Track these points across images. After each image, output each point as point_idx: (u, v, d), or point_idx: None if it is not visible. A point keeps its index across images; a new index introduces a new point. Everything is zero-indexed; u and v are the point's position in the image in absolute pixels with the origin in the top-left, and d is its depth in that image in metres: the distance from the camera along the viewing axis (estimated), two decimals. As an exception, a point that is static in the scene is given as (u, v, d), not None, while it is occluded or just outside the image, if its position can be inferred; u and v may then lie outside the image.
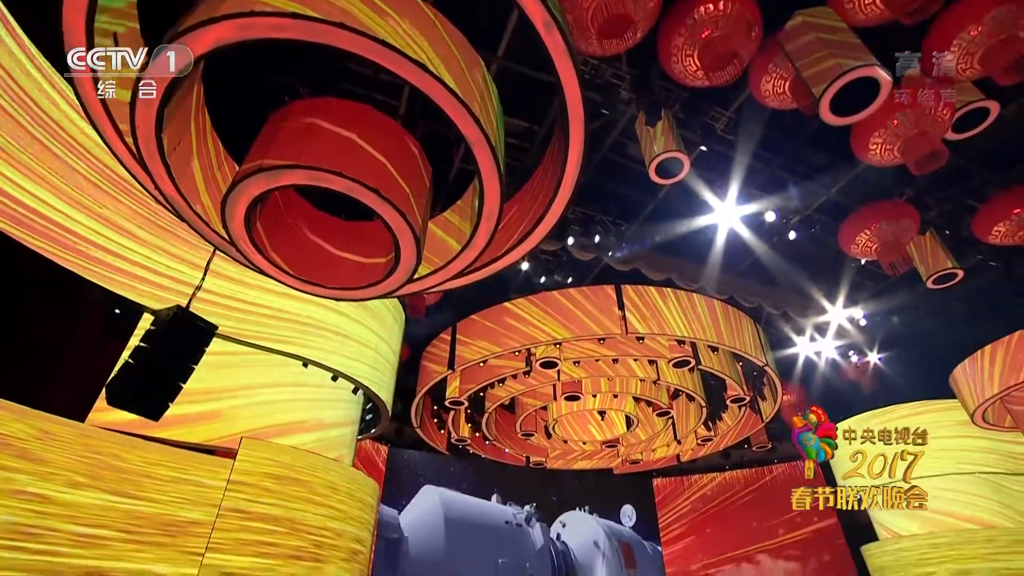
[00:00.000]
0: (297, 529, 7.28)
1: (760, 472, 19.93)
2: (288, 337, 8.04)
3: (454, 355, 13.08)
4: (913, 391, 13.89)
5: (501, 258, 6.51)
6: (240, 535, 6.76)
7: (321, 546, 7.50)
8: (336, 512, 7.89)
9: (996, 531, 12.32)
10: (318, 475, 7.88)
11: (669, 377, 13.76)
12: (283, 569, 6.90)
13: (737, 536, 19.22)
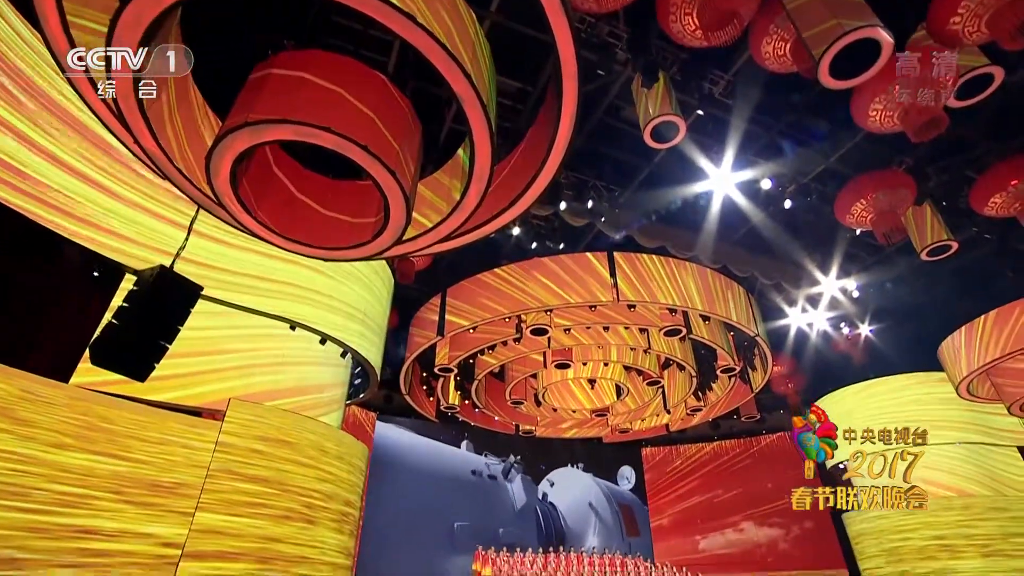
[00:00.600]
0: (287, 491, 7.45)
1: (748, 443, 20.46)
2: (275, 299, 8.07)
3: (443, 321, 13.13)
4: (902, 364, 14.25)
5: (492, 221, 6.54)
6: (229, 496, 6.92)
7: (311, 508, 7.70)
8: (326, 474, 8.07)
9: (973, 499, 12.92)
10: (307, 437, 8.03)
11: (660, 346, 13.92)
12: (273, 529, 7.10)
13: (724, 505, 19.84)
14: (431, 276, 14.01)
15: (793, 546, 18.31)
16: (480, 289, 12.84)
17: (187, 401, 7.36)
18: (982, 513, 12.66)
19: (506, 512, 17.71)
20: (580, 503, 19.49)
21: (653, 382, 16.03)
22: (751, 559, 18.70)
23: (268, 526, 7.12)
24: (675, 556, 18.66)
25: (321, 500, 7.91)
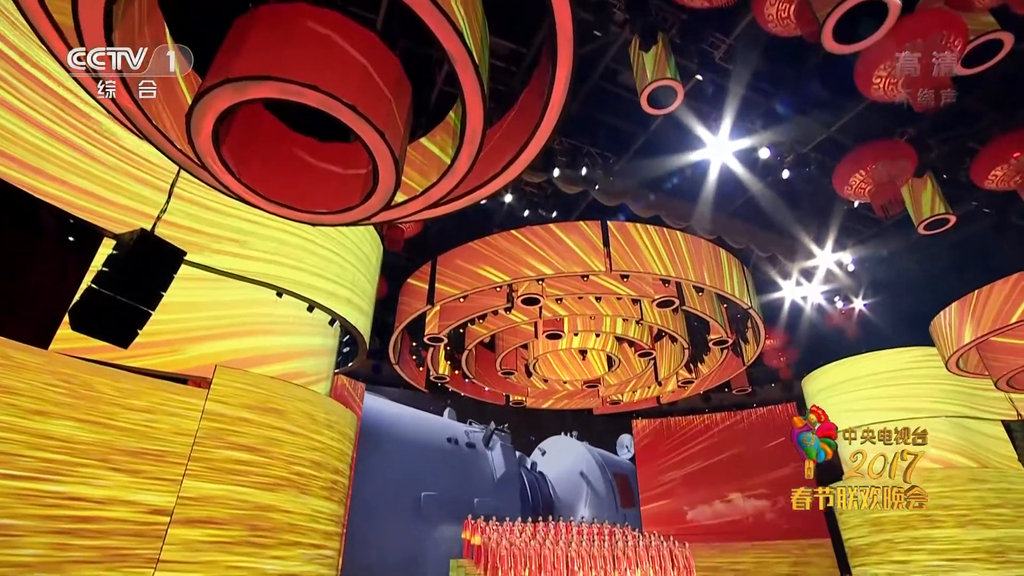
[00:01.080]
0: (276, 459, 7.53)
1: (739, 416, 20.88)
2: (261, 265, 8.02)
3: (433, 290, 13.14)
4: (896, 338, 14.48)
5: (483, 186, 6.49)
6: (217, 464, 6.99)
7: (301, 476, 7.79)
8: (315, 443, 8.15)
9: (956, 471, 13.40)
10: (296, 405, 8.08)
11: (652, 317, 14.08)
12: (263, 498, 7.18)
13: (712, 476, 20.32)
14: (421, 244, 13.98)
15: (779, 516, 18.83)
16: (471, 257, 12.81)
17: (172, 368, 7.37)
18: (962, 484, 13.12)
19: (484, 481, 17.91)
20: (571, 472, 19.81)
21: (645, 354, 16.27)
22: (738, 529, 19.24)
23: (257, 494, 7.21)
24: (663, 526, 19.15)
25: (311, 468, 8.01)
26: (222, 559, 6.58)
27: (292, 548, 7.33)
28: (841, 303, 15.19)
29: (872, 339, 14.99)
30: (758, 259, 14.28)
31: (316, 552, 7.70)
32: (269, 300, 8.43)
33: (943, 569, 12.43)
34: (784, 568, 16.21)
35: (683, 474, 20.82)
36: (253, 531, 6.95)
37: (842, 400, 15.05)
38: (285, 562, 7.18)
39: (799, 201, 11.73)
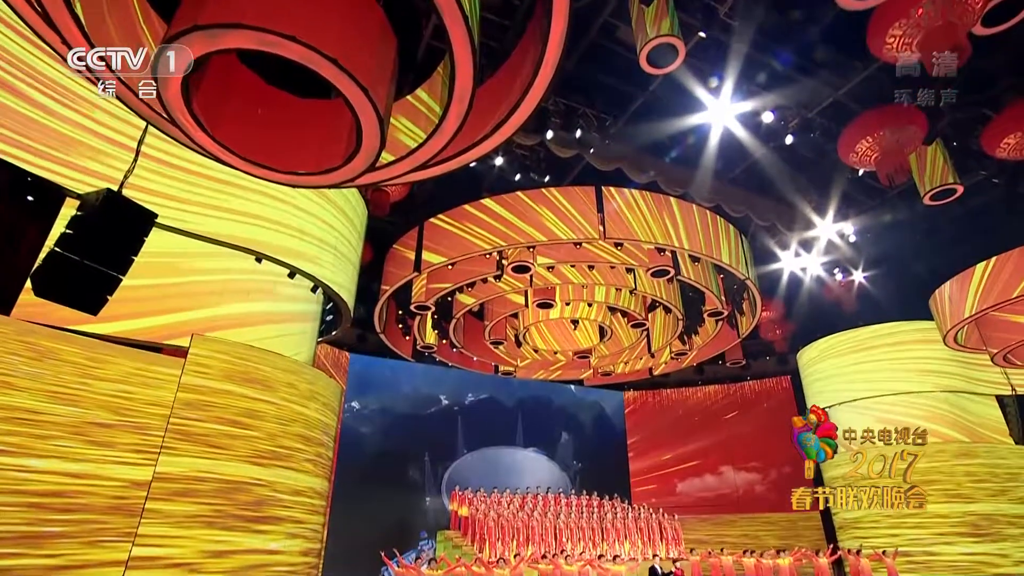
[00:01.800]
0: (256, 432, 7.50)
1: (732, 388, 21.19)
2: (238, 229, 7.85)
3: (420, 257, 13.02)
4: (894, 311, 14.62)
5: (473, 148, 6.34)
6: (196, 437, 6.94)
7: (283, 449, 7.78)
8: (297, 414, 8.12)
9: (947, 444, 13.75)
10: (277, 375, 8.03)
11: (646, 287, 14.05)
12: (242, 472, 7.16)
13: (704, 449, 20.74)
14: (407, 208, 13.77)
15: (769, 490, 19.29)
16: (459, 223, 12.67)
17: (146, 336, 7.26)
18: (953, 459, 13.49)
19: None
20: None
21: (638, 324, 16.28)
22: (728, 501, 19.71)
23: (238, 468, 7.18)
24: (653, 498, 19.56)
25: (293, 441, 8.00)
26: (202, 534, 6.60)
27: (275, 524, 7.37)
28: (840, 275, 15.24)
29: (870, 312, 15.12)
30: (756, 229, 14.23)
31: (300, 527, 7.76)
32: (248, 266, 8.28)
33: (928, 543, 12.84)
34: (773, 540, 16.65)
35: (675, 447, 21.15)
36: (234, 506, 6.96)
37: (837, 373, 15.30)
38: (268, 537, 7.23)
39: (801, 168, 11.63)
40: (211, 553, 6.56)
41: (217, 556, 6.59)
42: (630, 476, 21.24)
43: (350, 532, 15.41)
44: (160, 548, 6.28)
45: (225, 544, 6.74)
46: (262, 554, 7.04)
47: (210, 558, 6.54)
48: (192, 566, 6.41)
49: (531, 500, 15.31)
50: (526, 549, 13.02)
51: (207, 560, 6.52)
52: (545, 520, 13.75)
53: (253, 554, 6.94)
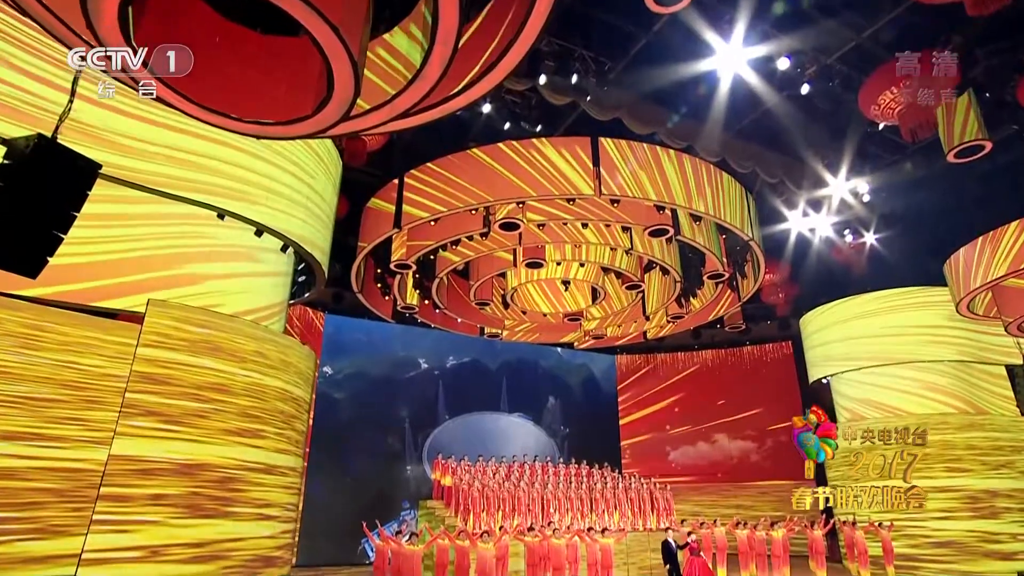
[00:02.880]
0: (222, 405, 7.32)
1: (730, 354, 21.36)
2: (196, 182, 7.50)
3: (400, 211, 12.77)
4: (905, 277, 14.66)
5: (459, 95, 6.02)
6: (155, 410, 6.74)
7: (252, 423, 7.62)
8: (268, 386, 7.95)
9: (951, 416, 14.00)
10: (243, 342, 7.82)
11: (643, 247, 13.95)
12: (207, 453, 6.99)
13: (697, 415, 21.07)
14: (386, 157, 13.45)
15: (764, 458, 19.71)
16: (443, 175, 12.36)
17: (96, 300, 6.97)
18: (956, 431, 13.77)
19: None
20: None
21: (633, 286, 16.29)
22: (722, 470, 20.14)
23: (203, 447, 7.01)
24: (644, 467, 19.92)
25: (264, 415, 7.85)
26: (164, 519, 6.46)
27: (245, 506, 7.27)
28: (851, 236, 15.18)
29: (880, 277, 15.13)
30: (763, 186, 14.07)
31: (272, 508, 7.69)
32: (210, 223, 7.97)
33: (924, 518, 13.19)
34: (767, 509, 17.08)
35: (667, 414, 21.46)
36: (199, 488, 6.82)
37: (841, 340, 15.43)
38: (237, 523, 7.14)
39: (816, 121, 11.37)
40: (174, 540, 6.46)
41: (181, 544, 6.49)
42: (620, 444, 21.57)
43: (327, 505, 15.54)
44: (118, 536, 6.15)
45: (190, 530, 6.63)
46: (229, 542, 6.94)
47: (173, 546, 6.44)
48: (154, 554, 6.31)
49: (517, 469, 15.45)
50: (511, 520, 13.20)
51: (170, 548, 6.42)
52: (532, 490, 13.91)
53: (220, 543, 6.85)
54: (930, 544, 13.26)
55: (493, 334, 19.42)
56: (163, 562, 6.31)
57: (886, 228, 14.65)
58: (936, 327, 14.28)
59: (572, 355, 22.11)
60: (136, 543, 6.22)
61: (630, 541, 13.92)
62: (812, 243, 15.55)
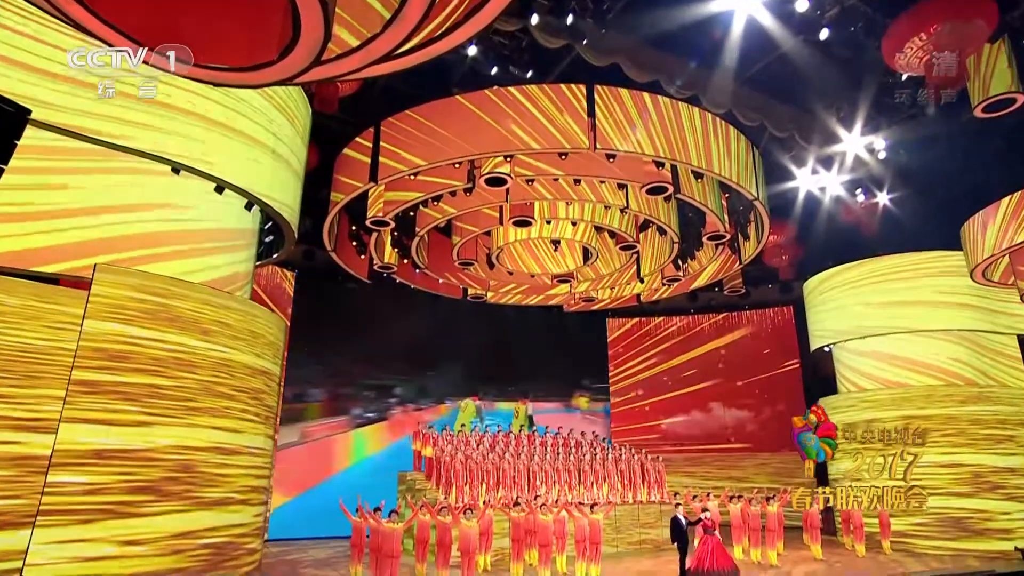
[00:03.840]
0: (182, 381, 7.08)
1: (728, 318, 21.45)
2: (147, 132, 7.08)
3: (377, 163, 12.41)
4: (918, 240, 14.60)
5: (441, 38, 5.66)
6: (107, 391, 6.48)
7: (217, 401, 7.41)
8: (232, 360, 7.72)
9: (957, 388, 14.19)
10: (204, 312, 7.55)
11: (640, 206, 13.84)
12: (164, 435, 6.76)
13: (691, 383, 21.26)
14: (360, 103, 13.10)
15: (761, 428, 20.02)
16: (423, 124, 11.95)
17: (36, 264, 6.62)
18: (961, 403, 13.96)
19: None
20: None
21: (628, 247, 16.18)
22: (716, 439, 20.46)
23: (161, 430, 6.78)
24: (635, 436, 20.15)
25: (230, 392, 7.63)
26: (119, 509, 6.27)
27: (208, 492, 7.09)
28: (862, 196, 15.07)
29: (891, 240, 15.09)
30: (770, 141, 13.88)
31: (239, 493, 7.54)
32: (164, 178, 7.59)
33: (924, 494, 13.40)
34: (763, 481, 17.42)
35: (660, 381, 21.62)
36: (158, 476, 6.61)
37: (847, 307, 15.46)
38: (202, 513, 6.98)
39: (833, 70, 11.07)
40: (129, 535, 6.28)
41: (136, 541, 6.30)
42: (610, 412, 21.77)
43: (299, 475, 15.52)
44: (67, 528, 5.96)
45: (147, 523, 6.45)
46: (190, 537, 6.77)
47: (127, 544, 6.26)
48: (109, 550, 6.13)
49: (502, 440, 15.51)
50: (495, 493, 13.28)
51: (125, 545, 6.24)
52: (517, 462, 13.95)
53: (182, 538, 6.69)
54: (927, 520, 13.54)
55: (477, 296, 19.34)
56: (120, 557, 6.14)
57: (901, 187, 14.54)
58: (948, 294, 14.30)
59: (563, 319, 22.02)
60: (89, 536, 6.03)
61: (620, 515, 14.11)
62: (820, 202, 15.46)
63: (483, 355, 20.47)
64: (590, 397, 21.76)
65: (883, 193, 14.85)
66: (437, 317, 20.04)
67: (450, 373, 19.77)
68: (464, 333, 20.30)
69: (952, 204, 13.19)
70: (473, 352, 20.28)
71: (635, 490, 15.04)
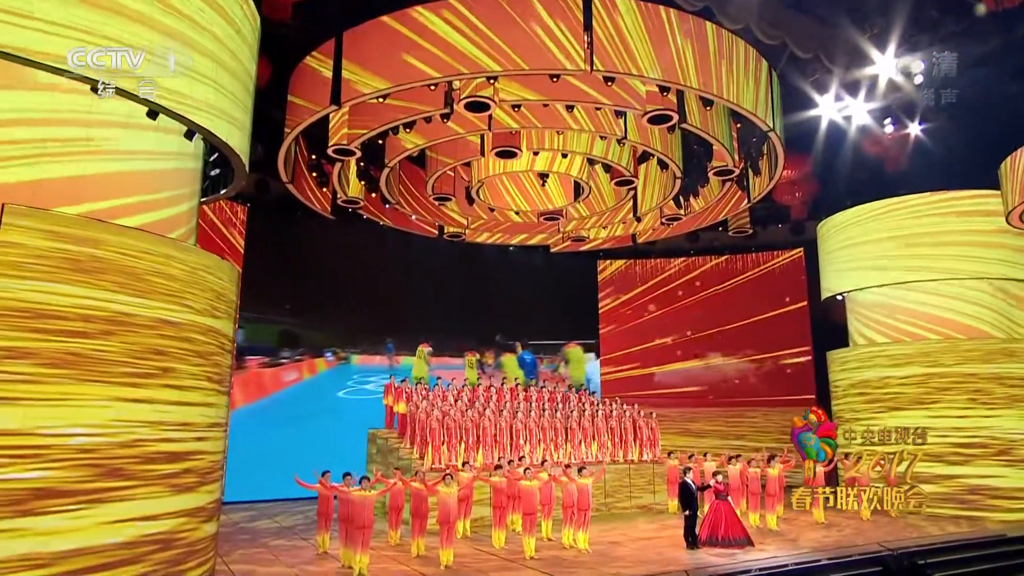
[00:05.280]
0: (115, 343, 6.67)
1: (731, 261, 21.36)
2: (59, 42, 6.47)
3: (340, 83, 11.97)
4: (951, 177, 14.39)
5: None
6: (23, 349, 6.06)
7: (161, 356, 7.03)
8: (176, 318, 7.32)
9: (980, 342, 14.27)
10: (141, 259, 7.06)
11: (639, 136, 13.71)
12: (94, 415, 6.36)
13: (689, 332, 21.35)
14: (317, 8, 12.50)
15: (762, 381, 20.26)
16: (393, 40, 11.49)
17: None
18: (985, 357, 14.05)
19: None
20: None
21: (624, 182, 16.06)
22: (716, 393, 20.73)
23: (86, 410, 6.37)
24: (627, 389, 20.31)
25: (175, 354, 7.25)
26: (39, 506, 5.94)
27: (147, 473, 6.80)
28: (891, 126, 14.79)
29: (919, 177, 14.86)
30: (789, 64, 13.51)
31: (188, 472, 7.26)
32: (85, 100, 7.00)
33: (934, 458, 13.81)
34: (764, 440, 17.70)
35: (655, 328, 21.67)
36: (86, 460, 6.26)
37: (866, 252, 15.39)
38: (142, 503, 6.70)
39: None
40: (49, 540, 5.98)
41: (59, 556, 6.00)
42: (600, 362, 21.87)
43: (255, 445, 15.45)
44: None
45: (73, 517, 6.14)
46: (120, 548, 6.48)
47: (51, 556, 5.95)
48: (26, 561, 5.80)
49: (483, 394, 15.48)
50: (475, 453, 13.28)
51: (43, 553, 5.91)
52: (499, 419, 13.95)
53: (111, 550, 6.38)
54: (942, 486, 13.87)
55: (454, 234, 19.31)
56: (35, 567, 5.82)
57: (937, 116, 14.23)
58: (980, 238, 14.22)
59: (549, 260, 22.08)
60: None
61: (609, 475, 14.28)
62: (842, 133, 15.19)
63: (461, 300, 20.39)
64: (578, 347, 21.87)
65: (915, 123, 14.56)
66: (409, 258, 19.93)
67: (423, 319, 19.60)
68: (439, 275, 20.22)
69: (993, 137, 12.92)
70: (449, 296, 20.19)
71: (626, 448, 15.22)
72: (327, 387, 18.59)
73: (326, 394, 18.44)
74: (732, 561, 9.65)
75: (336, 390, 18.73)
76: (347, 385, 18.92)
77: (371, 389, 18.50)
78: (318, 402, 18.04)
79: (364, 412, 17.27)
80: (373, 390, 18.25)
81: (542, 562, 9.70)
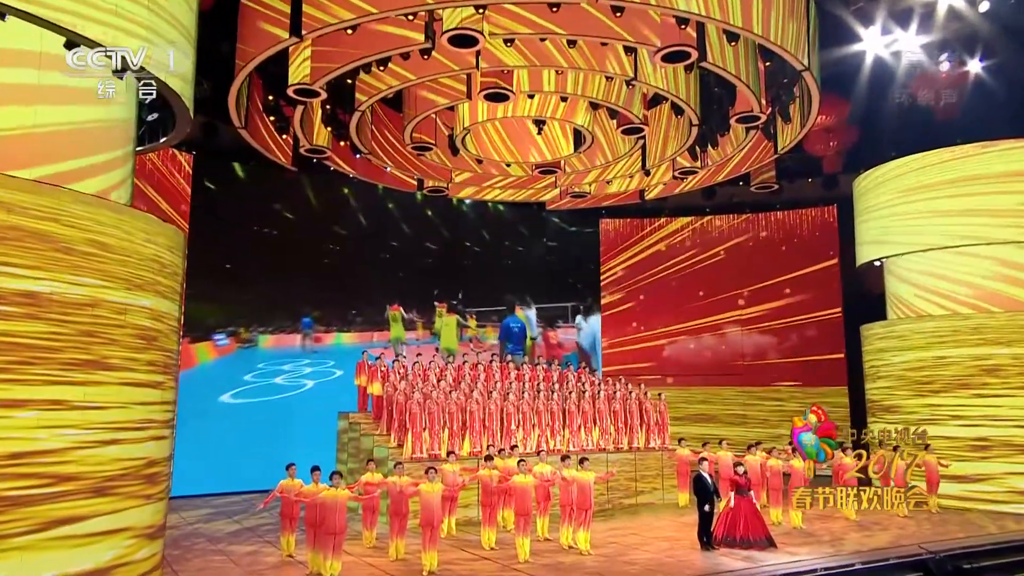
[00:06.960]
0: (41, 314, 6.46)
1: (752, 220, 21.31)
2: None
3: (300, 10, 11.62)
4: (1014, 124, 14.14)
5: None
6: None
7: (92, 338, 6.83)
8: (110, 291, 7.10)
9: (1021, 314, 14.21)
10: (66, 223, 6.83)
11: (651, 77, 13.49)
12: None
13: (703, 302, 21.36)
14: None
15: (786, 357, 20.27)
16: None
17: None
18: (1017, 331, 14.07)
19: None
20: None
21: (633, 129, 15.83)
22: (730, 371, 20.78)
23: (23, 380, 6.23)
24: (631, 365, 20.34)
25: (106, 324, 7.04)
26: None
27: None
28: (947, 62, 14.59)
29: (976, 124, 14.69)
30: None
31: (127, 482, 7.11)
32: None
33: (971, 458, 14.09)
34: (787, 425, 17.76)
35: (665, 298, 21.68)
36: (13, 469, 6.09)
37: (906, 212, 15.29)
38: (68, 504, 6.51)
39: None
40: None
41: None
42: (601, 336, 21.87)
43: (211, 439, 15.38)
44: None
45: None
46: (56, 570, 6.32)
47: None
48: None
49: (469, 373, 15.37)
50: (461, 441, 13.20)
51: None
52: (489, 402, 13.89)
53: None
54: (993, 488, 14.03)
55: (436, 189, 19.17)
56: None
57: (1001, 51, 13.97)
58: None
59: (545, 218, 22.12)
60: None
61: (611, 464, 14.30)
62: (889, 72, 15.03)
63: (443, 262, 20.38)
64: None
65: (975, 59, 14.30)
66: (383, 214, 19.86)
67: (398, 284, 19.49)
68: (418, 234, 20.19)
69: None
70: (430, 258, 20.18)
71: (632, 434, 15.25)
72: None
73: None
74: (753, 565, 9.61)
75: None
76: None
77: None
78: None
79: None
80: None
81: (538, 567, 9.64)
